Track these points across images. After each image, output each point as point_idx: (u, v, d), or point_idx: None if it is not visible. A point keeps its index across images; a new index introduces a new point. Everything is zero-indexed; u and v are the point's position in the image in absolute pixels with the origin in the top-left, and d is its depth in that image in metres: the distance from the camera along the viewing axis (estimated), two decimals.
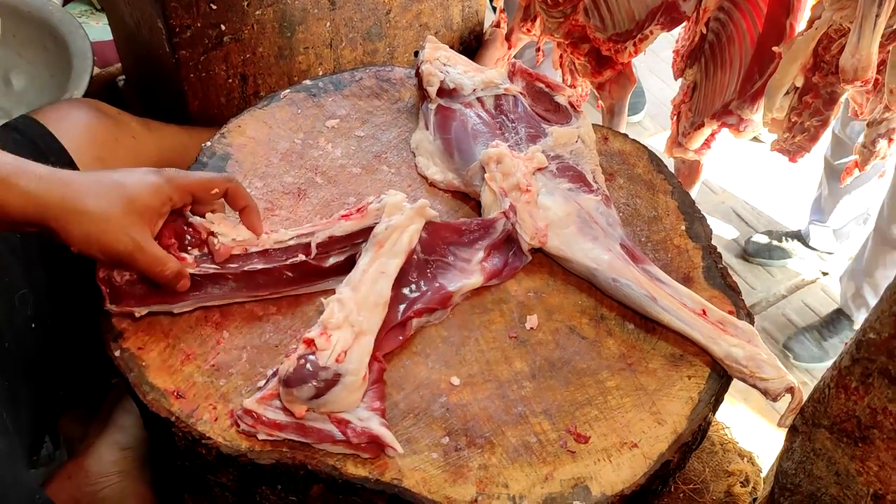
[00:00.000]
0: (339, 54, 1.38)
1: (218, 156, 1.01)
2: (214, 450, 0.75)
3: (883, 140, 1.16)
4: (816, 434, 0.72)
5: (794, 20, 1.13)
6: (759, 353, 0.83)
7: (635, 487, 0.75)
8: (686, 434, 0.80)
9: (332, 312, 0.78)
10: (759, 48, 1.20)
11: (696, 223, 0.99)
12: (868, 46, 0.94)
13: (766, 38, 1.18)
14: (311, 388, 0.74)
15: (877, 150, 1.17)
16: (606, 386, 0.83)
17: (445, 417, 0.79)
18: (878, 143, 1.17)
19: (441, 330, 0.87)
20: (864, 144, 1.19)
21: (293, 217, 0.96)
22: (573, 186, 0.96)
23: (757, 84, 1.20)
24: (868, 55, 0.95)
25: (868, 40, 0.94)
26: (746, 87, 1.22)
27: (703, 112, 1.33)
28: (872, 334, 0.62)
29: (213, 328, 0.84)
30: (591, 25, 1.39)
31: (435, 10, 1.47)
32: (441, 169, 1.01)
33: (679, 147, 1.42)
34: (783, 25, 1.14)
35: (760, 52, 1.20)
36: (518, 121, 1.03)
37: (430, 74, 1.05)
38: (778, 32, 1.16)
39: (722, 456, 1.09)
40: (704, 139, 1.37)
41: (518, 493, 0.74)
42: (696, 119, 1.35)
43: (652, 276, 0.89)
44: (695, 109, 1.35)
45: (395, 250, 0.84)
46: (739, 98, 1.24)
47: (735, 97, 1.25)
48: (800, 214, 2.64)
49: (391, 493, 0.73)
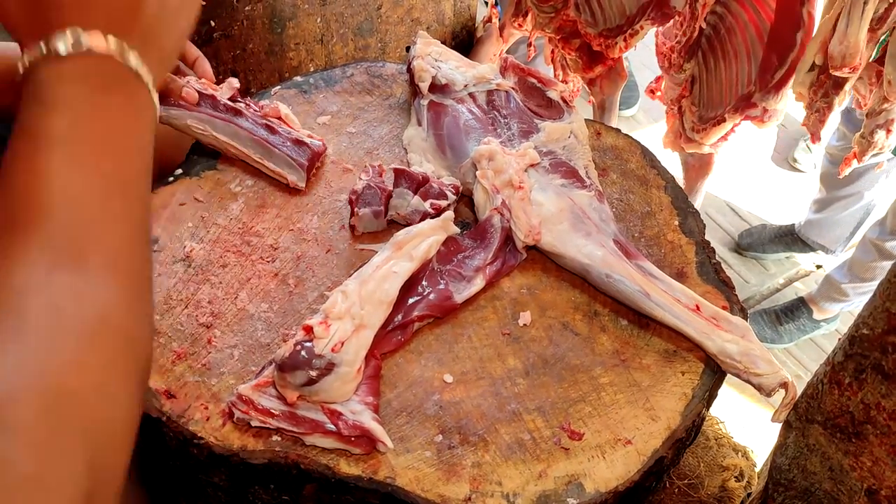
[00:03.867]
0: (330, 50, 1.38)
1: (209, 152, 1.00)
2: (206, 449, 0.75)
3: (881, 131, 1.16)
4: (810, 429, 0.72)
5: (811, 8, 1.12)
6: (752, 348, 0.83)
7: (629, 484, 0.75)
8: (680, 430, 0.80)
9: (334, 302, 0.78)
10: (775, 37, 1.19)
11: (690, 218, 0.99)
12: (856, 34, 0.94)
13: (782, 27, 1.17)
14: (304, 374, 0.74)
15: (875, 141, 1.17)
16: (600, 382, 0.83)
17: (439, 415, 0.79)
18: (876, 133, 1.17)
19: (434, 327, 0.86)
20: (863, 135, 1.19)
21: (284, 214, 0.95)
22: (566, 182, 0.95)
23: (778, 74, 1.20)
24: (856, 42, 0.95)
25: (856, 27, 0.94)
26: (767, 77, 1.21)
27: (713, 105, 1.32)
28: (866, 330, 0.62)
29: (205, 327, 0.84)
30: (582, 20, 1.38)
31: (427, 5, 1.46)
32: (433, 165, 1.00)
33: (691, 142, 1.41)
34: (798, 13, 1.14)
35: (776, 41, 1.19)
36: (510, 116, 1.03)
37: (422, 70, 1.05)
38: (794, 21, 1.15)
39: (716, 451, 1.10)
40: (724, 133, 1.37)
41: (512, 490, 0.74)
42: (704, 113, 1.35)
43: (645, 271, 0.88)
44: (700, 103, 1.35)
45: (411, 254, 0.85)
46: (761, 90, 1.23)
47: (756, 89, 1.24)
48: (794, 208, 2.64)
49: (384, 491, 0.73)
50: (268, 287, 0.88)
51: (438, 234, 0.89)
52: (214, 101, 0.97)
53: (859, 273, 2.18)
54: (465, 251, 0.90)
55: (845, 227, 2.41)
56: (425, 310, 0.85)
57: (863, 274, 2.17)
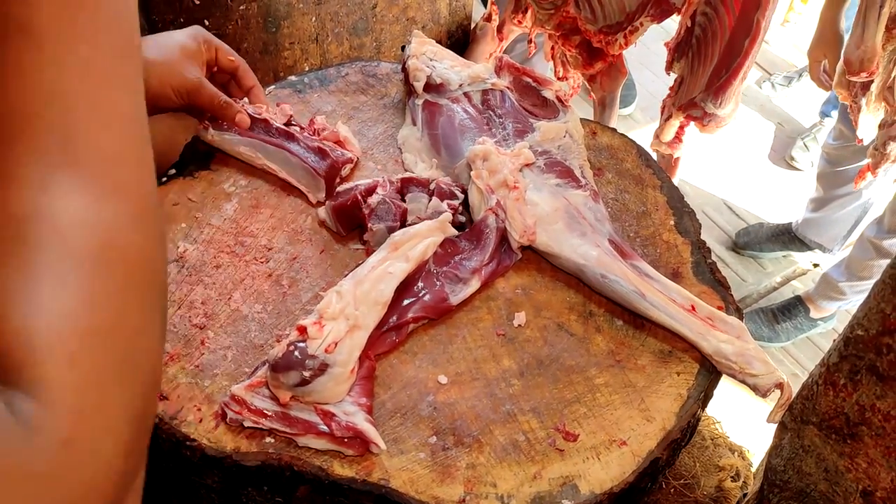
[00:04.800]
0: (324, 49, 1.37)
1: (203, 151, 1.00)
2: (199, 451, 0.74)
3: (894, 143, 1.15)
4: (805, 431, 0.72)
5: (761, 16, 1.12)
6: (748, 348, 0.82)
7: (624, 485, 0.75)
8: (675, 431, 0.79)
9: (329, 303, 0.78)
10: (729, 43, 1.19)
11: (685, 218, 0.99)
12: (873, 37, 0.94)
13: (736, 34, 1.18)
14: (297, 375, 0.74)
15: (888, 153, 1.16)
16: (595, 383, 0.82)
17: (433, 416, 0.78)
18: (889, 145, 1.16)
19: (428, 328, 0.86)
20: (876, 147, 1.18)
21: (278, 214, 0.95)
22: (561, 182, 0.95)
23: (722, 78, 1.20)
24: (873, 46, 0.94)
25: (873, 31, 0.93)
26: (713, 80, 1.22)
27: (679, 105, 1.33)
28: (860, 331, 0.62)
29: (198, 328, 0.83)
30: (582, 17, 1.38)
31: (422, 4, 1.45)
32: (428, 165, 1.00)
33: (656, 140, 1.41)
34: (751, 20, 1.14)
35: (730, 46, 1.19)
36: (505, 116, 1.02)
37: (417, 69, 1.04)
38: (746, 28, 1.15)
39: (712, 451, 1.09)
40: (675, 132, 1.36)
41: (506, 492, 0.74)
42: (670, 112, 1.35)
43: (641, 271, 0.88)
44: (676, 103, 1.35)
45: (408, 255, 0.84)
46: (705, 91, 1.23)
47: (702, 90, 1.24)
48: (792, 207, 2.64)
49: (378, 493, 0.73)
50: (261, 288, 0.88)
51: (436, 235, 0.88)
52: (267, 126, 0.98)
53: (857, 271, 2.18)
54: (461, 253, 0.90)
55: (843, 226, 2.40)
56: (420, 311, 0.84)
57: (860, 272, 2.17)
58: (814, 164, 2.71)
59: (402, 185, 0.94)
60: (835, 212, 2.37)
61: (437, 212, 0.91)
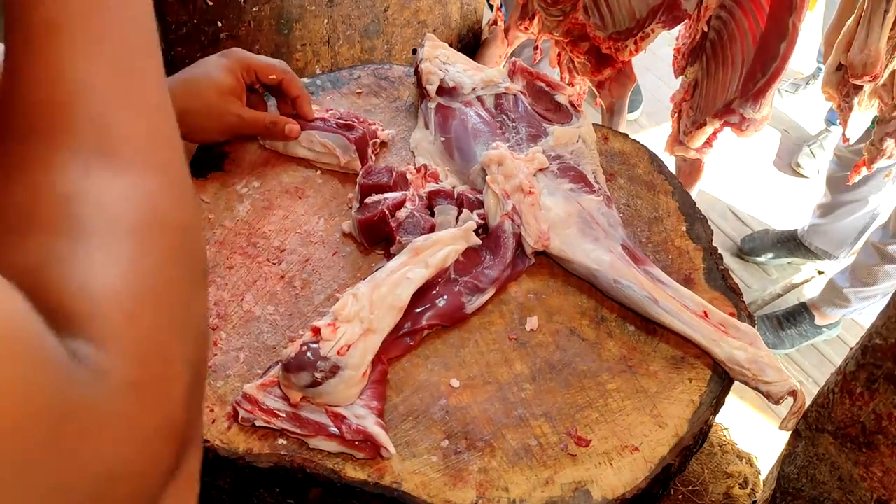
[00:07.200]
0: (336, 52, 1.37)
1: (215, 154, 1.00)
2: (212, 452, 0.74)
3: (890, 139, 1.16)
4: (820, 439, 0.71)
5: (797, 19, 1.12)
6: (761, 355, 0.82)
7: (636, 491, 0.75)
8: (687, 437, 0.79)
9: (344, 305, 0.78)
10: (762, 46, 1.19)
11: (697, 224, 0.99)
12: (877, 41, 0.94)
13: (769, 37, 1.18)
14: (309, 375, 0.74)
15: (884, 149, 1.17)
16: (607, 388, 0.82)
17: (445, 420, 0.78)
18: (885, 141, 1.16)
19: (441, 332, 0.86)
20: (873, 142, 1.18)
21: (291, 216, 0.95)
22: (574, 187, 0.95)
23: (760, 82, 1.20)
24: (877, 50, 0.94)
25: (877, 35, 0.93)
26: (749, 85, 1.22)
27: (704, 110, 1.32)
28: (879, 340, 0.62)
29: (210, 329, 0.83)
30: (592, 24, 1.38)
31: (433, 7, 1.46)
32: (441, 169, 1.00)
33: (681, 145, 1.41)
34: (786, 24, 1.14)
35: (763, 50, 1.19)
36: (518, 120, 1.02)
37: (430, 73, 1.04)
38: (781, 31, 1.15)
39: (721, 457, 1.09)
40: (706, 138, 1.36)
41: (518, 496, 0.74)
42: (697, 117, 1.35)
43: (653, 277, 0.88)
44: (696, 107, 1.35)
45: (427, 262, 0.84)
46: (742, 97, 1.23)
47: (737, 96, 1.24)
48: (797, 213, 2.64)
49: (390, 496, 0.72)
50: (274, 289, 0.88)
51: (459, 243, 0.88)
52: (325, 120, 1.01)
53: (861, 277, 2.17)
54: (483, 262, 0.89)
55: (849, 233, 2.40)
56: (435, 318, 0.84)
57: (865, 278, 2.16)
58: (820, 171, 2.71)
59: (429, 198, 0.94)
60: (842, 218, 2.36)
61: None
